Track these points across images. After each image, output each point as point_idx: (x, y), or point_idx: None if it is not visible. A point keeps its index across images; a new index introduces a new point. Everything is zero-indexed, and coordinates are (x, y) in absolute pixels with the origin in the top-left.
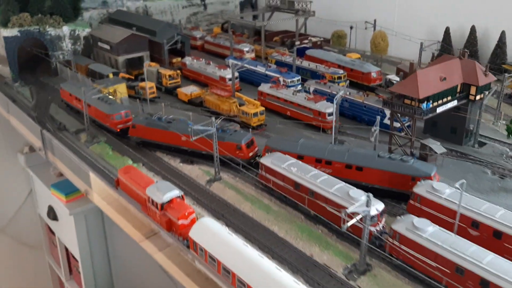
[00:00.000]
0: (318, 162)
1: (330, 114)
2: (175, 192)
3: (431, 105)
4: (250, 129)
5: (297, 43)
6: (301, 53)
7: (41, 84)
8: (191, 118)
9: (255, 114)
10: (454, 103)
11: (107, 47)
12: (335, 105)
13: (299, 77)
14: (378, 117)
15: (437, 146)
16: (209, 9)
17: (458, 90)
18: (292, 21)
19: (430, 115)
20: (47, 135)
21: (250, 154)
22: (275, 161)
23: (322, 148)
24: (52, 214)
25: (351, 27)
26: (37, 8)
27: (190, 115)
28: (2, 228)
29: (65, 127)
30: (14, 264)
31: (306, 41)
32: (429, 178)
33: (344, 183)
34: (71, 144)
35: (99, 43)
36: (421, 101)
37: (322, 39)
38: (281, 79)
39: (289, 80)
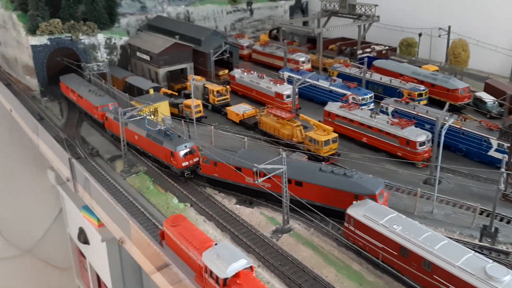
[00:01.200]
0: (256, 175)
1: (422, 144)
2: (243, 263)
3: None
4: (321, 161)
5: (359, 52)
6: (364, 63)
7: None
8: (245, 145)
9: (326, 142)
10: None
11: (147, 57)
12: (434, 134)
13: (372, 94)
14: (505, 157)
15: None
16: (256, 14)
17: None
18: (350, 27)
19: None
20: (77, 165)
21: (184, 163)
22: (369, 214)
23: (261, 160)
24: (83, 237)
25: (420, 34)
26: (69, 14)
27: (245, 142)
28: (30, 249)
29: (98, 152)
30: (42, 287)
31: (368, 49)
32: (373, 196)
33: (473, 251)
34: (104, 174)
35: (138, 53)
36: None
37: (387, 47)
38: (350, 96)
39: (360, 98)
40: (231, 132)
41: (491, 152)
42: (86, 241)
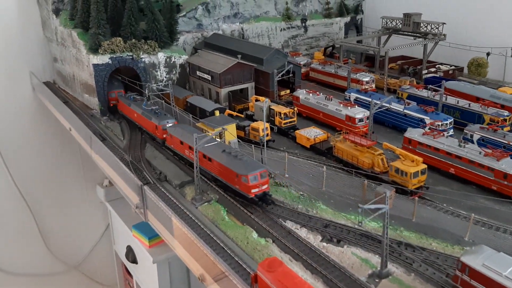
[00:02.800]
0: (190, 149)
1: None
2: None
3: None
4: (408, 194)
5: (424, 71)
6: (430, 84)
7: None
8: (324, 175)
9: (415, 174)
10: None
11: (208, 77)
12: None
13: (452, 120)
14: None
15: None
16: (310, 31)
17: None
18: (410, 45)
19: None
20: (149, 192)
21: (164, 135)
22: (489, 264)
23: (194, 133)
24: (131, 256)
25: (488, 54)
26: (130, 32)
27: (323, 170)
28: (77, 265)
29: (166, 177)
30: None
31: (433, 69)
32: (245, 176)
33: None
34: (175, 202)
35: (198, 72)
36: None
37: (453, 67)
38: (427, 121)
39: (439, 123)
40: (302, 158)
41: None
42: (134, 260)
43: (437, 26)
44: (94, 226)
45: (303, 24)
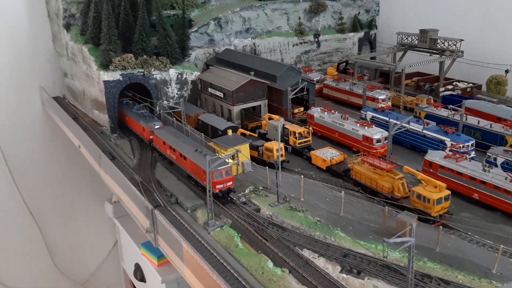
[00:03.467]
0: (171, 149)
1: None
2: None
3: None
4: (431, 221)
5: (442, 89)
6: (448, 102)
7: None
8: (342, 200)
9: (439, 201)
10: None
11: (220, 94)
12: None
13: (473, 141)
14: None
15: None
16: (323, 47)
17: None
18: (429, 63)
19: None
20: (160, 217)
21: (151, 137)
22: None
23: (176, 135)
24: (139, 274)
25: (507, 71)
26: (142, 48)
27: (342, 195)
28: (83, 282)
29: (177, 200)
30: None
31: (450, 86)
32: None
33: None
34: (187, 227)
35: (210, 89)
36: None
37: (471, 85)
38: (447, 142)
39: (460, 145)
40: (318, 180)
41: None
42: (142, 279)
43: (454, 43)
44: (102, 242)
45: (316, 39)
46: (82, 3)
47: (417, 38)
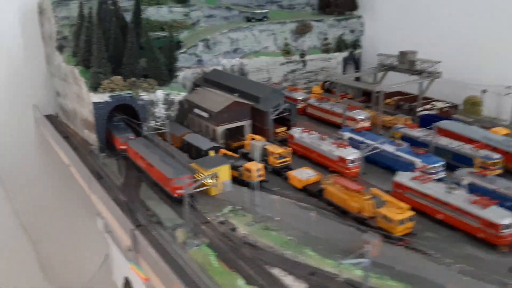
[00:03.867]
0: (141, 159)
1: (507, 227)
2: None
3: None
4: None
5: (419, 109)
6: (424, 122)
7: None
8: (314, 220)
9: (402, 221)
10: None
11: (205, 115)
12: None
13: (443, 162)
14: None
15: None
16: (309, 66)
17: None
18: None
19: None
20: (140, 237)
21: (122, 147)
22: None
23: (147, 146)
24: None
25: (484, 91)
26: (131, 70)
27: (313, 216)
28: None
29: (159, 220)
30: None
31: (428, 106)
32: (172, 180)
33: None
34: (165, 247)
35: (196, 110)
36: None
37: (449, 104)
38: (418, 164)
39: (430, 166)
40: (294, 200)
41: None
42: None
43: (432, 65)
44: (93, 256)
45: (302, 59)
46: (75, 25)
47: (397, 59)
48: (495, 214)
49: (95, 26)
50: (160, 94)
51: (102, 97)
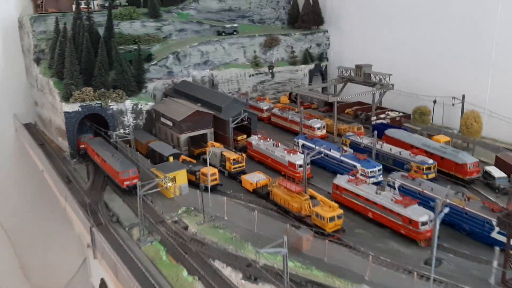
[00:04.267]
0: (97, 155)
1: (424, 224)
2: None
3: None
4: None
5: (373, 118)
6: (378, 130)
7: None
8: (255, 218)
9: (332, 219)
10: None
11: (170, 123)
12: (432, 217)
13: (381, 167)
14: (497, 249)
15: None
16: (277, 77)
17: None
18: (362, 95)
19: None
20: (97, 234)
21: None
22: None
23: (102, 144)
24: None
25: (435, 102)
26: (101, 82)
27: (254, 215)
28: None
29: (118, 219)
30: None
31: (383, 115)
32: (120, 172)
33: None
34: (121, 243)
35: (162, 119)
36: None
37: (401, 114)
38: (359, 168)
39: (368, 171)
40: (244, 201)
41: (494, 234)
42: None
43: (384, 77)
44: (72, 259)
45: (270, 71)
46: (51, 39)
47: (354, 72)
48: (415, 212)
49: (68, 41)
50: (128, 104)
51: (73, 107)
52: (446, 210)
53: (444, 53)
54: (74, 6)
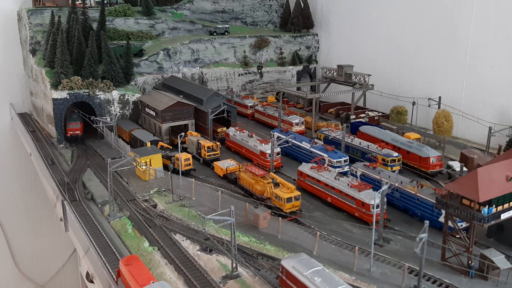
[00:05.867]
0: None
1: (376, 206)
2: None
3: (494, 210)
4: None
5: (353, 117)
6: (355, 127)
7: (84, 147)
8: (219, 198)
9: (289, 199)
10: None
11: (153, 113)
12: (379, 197)
13: (347, 158)
14: (427, 223)
15: (500, 259)
16: (265, 77)
17: None
18: (348, 93)
19: (493, 222)
20: (67, 207)
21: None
22: (297, 266)
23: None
24: (90, 276)
25: (414, 103)
26: (90, 72)
27: (218, 195)
28: (43, 284)
29: (92, 196)
30: None
31: (363, 115)
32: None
33: None
34: (91, 217)
35: (147, 109)
36: (482, 204)
37: (380, 114)
38: (326, 158)
39: (335, 160)
40: (214, 185)
41: (441, 219)
42: (92, 281)
43: (364, 77)
44: (63, 248)
45: (259, 71)
46: (46, 32)
47: (336, 72)
48: (368, 196)
49: (60, 32)
50: (115, 94)
51: (61, 94)
52: (386, 187)
53: (425, 56)
54: (70, 1)
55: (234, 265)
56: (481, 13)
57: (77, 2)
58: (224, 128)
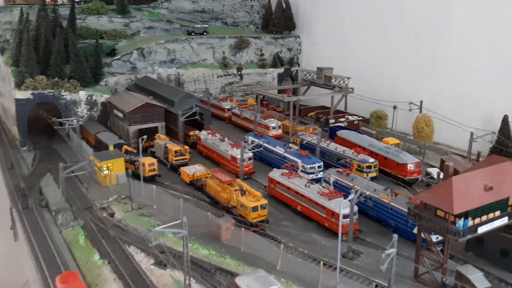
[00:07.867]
0: None
1: (346, 216)
2: None
3: (470, 223)
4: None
5: (332, 121)
6: (334, 133)
7: (49, 150)
8: (181, 207)
9: (255, 209)
10: (504, 220)
11: (121, 115)
12: (348, 205)
13: (321, 163)
14: (395, 237)
15: (478, 277)
16: (245, 79)
17: (511, 203)
18: (328, 96)
19: (469, 236)
20: (16, 216)
21: None
22: (252, 285)
23: None
24: None
25: (395, 107)
26: (57, 71)
27: (180, 204)
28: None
29: (47, 204)
30: None
31: (342, 119)
32: None
33: None
34: (41, 227)
35: (115, 111)
36: (458, 216)
37: (360, 118)
38: (299, 164)
39: (308, 166)
40: (179, 193)
41: (416, 230)
42: None
43: (343, 80)
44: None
45: (239, 73)
46: (15, 30)
47: (315, 75)
48: (338, 204)
49: (26, 29)
50: (82, 94)
51: (25, 94)
52: (355, 195)
53: (407, 60)
54: None
55: (187, 282)
56: (465, 18)
57: (47, 0)
58: (197, 132)
